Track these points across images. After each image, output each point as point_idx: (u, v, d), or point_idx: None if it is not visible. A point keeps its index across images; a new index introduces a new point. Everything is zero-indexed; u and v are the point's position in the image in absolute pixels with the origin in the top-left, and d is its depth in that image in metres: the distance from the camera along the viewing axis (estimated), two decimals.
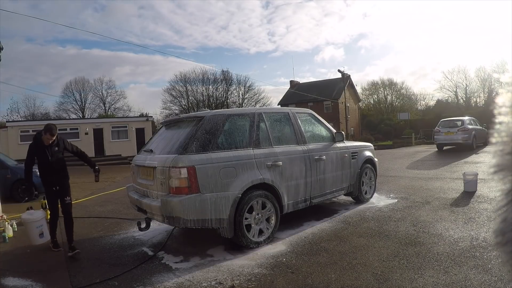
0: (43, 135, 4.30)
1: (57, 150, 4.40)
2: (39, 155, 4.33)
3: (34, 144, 4.38)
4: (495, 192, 5.79)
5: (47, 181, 4.41)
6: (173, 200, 3.61)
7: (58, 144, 4.44)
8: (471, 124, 14.84)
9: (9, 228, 5.11)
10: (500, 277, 2.78)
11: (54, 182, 4.38)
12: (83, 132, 22.89)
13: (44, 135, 4.28)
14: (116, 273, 3.51)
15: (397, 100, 48.20)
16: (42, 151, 4.30)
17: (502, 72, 35.16)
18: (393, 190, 6.95)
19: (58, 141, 4.41)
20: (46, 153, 4.32)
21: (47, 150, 4.31)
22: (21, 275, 3.60)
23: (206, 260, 3.75)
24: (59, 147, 4.44)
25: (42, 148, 4.30)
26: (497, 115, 0.52)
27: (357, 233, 4.32)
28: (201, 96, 45.93)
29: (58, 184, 4.40)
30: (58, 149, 4.42)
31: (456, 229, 4.16)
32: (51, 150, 4.33)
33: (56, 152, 4.39)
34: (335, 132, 5.55)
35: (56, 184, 4.39)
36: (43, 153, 4.31)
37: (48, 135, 4.28)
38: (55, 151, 4.38)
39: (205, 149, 3.86)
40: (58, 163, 4.41)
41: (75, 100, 44.40)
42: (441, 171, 9.23)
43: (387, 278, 2.97)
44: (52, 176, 4.37)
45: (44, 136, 4.31)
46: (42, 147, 4.30)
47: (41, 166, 4.36)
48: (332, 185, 5.27)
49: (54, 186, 4.40)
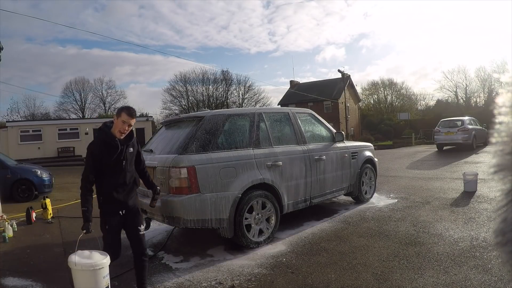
0: (115, 120, 2.79)
1: (132, 152, 2.91)
2: (105, 157, 2.74)
3: (99, 141, 2.79)
4: (495, 192, 5.79)
5: (111, 199, 2.80)
6: (173, 200, 3.61)
7: (134, 143, 2.95)
8: (471, 124, 14.84)
9: (9, 228, 5.10)
10: (500, 277, 2.78)
11: (122, 202, 2.81)
12: (83, 132, 22.88)
13: (118, 118, 2.77)
14: (116, 273, 3.51)
15: (397, 100, 48.21)
16: (111, 151, 2.76)
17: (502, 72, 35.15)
18: (393, 190, 6.95)
19: (134, 140, 2.95)
20: (118, 153, 2.77)
21: (120, 149, 2.78)
22: (21, 275, 3.60)
23: (206, 260, 3.75)
24: (134, 149, 2.94)
25: (112, 146, 2.76)
26: (497, 115, 0.53)
27: (357, 233, 4.32)
28: (201, 96, 45.94)
29: (127, 206, 2.85)
30: (133, 151, 2.93)
31: (456, 229, 4.16)
32: (125, 150, 2.83)
33: (131, 155, 2.90)
34: (335, 132, 5.55)
35: (124, 205, 2.83)
36: (112, 154, 2.75)
37: (124, 115, 2.74)
38: (130, 153, 2.88)
39: (205, 149, 3.86)
40: (132, 173, 2.92)
41: (75, 100, 44.43)
42: (441, 171, 9.23)
43: (387, 278, 2.97)
44: (121, 193, 2.81)
45: (118, 121, 2.76)
46: (112, 144, 2.76)
47: (107, 175, 2.79)
48: (332, 185, 5.27)
49: (121, 208, 2.83)
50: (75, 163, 20.64)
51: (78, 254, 2.62)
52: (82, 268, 2.53)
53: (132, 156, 2.91)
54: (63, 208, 7.44)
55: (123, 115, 2.74)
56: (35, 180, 8.48)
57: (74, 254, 2.58)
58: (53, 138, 21.81)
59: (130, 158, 2.88)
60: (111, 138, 2.76)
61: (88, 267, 2.54)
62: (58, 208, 7.27)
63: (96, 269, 2.55)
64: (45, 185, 8.64)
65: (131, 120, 2.77)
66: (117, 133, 2.77)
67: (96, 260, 2.60)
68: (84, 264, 2.54)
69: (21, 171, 8.57)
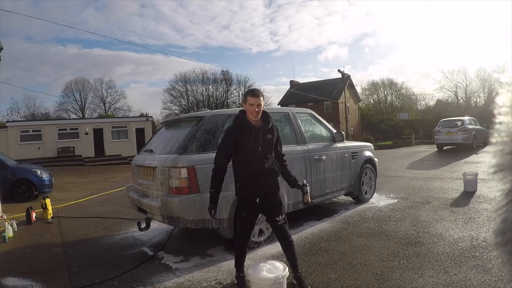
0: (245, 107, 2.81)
1: (271, 138, 2.84)
2: (240, 143, 2.76)
3: (235, 127, 2.82)
4: (495, 192, 5.79)
5: (247, 186, 2.80)
6: (173, 200, 3.61)
7: (272, 130, 2.88)
8: (471, 124, 14.84)
9: (9, 228, 5.10)
10: (500, 277, 2.78)
11: (258, 190, 2.80)
12: (83, 132, 22.89)
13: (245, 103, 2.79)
14: (116, 273, 3.51)
15: (397, 100, 48.27)
16: (246, 137, 2.75)
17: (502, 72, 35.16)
18: (393, 190, 6.95)
19: (272, 126, 2.90)
20: (254, 138, 2.74)
21: (256, 134, 2.76)
22: (21, 275, 3.60)
23: (206, 260, 3.76)
24: (273, 136, 2.87)
25: (247, 131, 2.75)
26: (497, 115, 0.53)
27: (357, 233, 4.32)
28: (201, 96, 45.98)
29: (264, 194, 2.81)
30: (271, 138, 2.85)
31: (456, 229, 4.16)
32: (262, 136, 2.78)
33: (269, 143, 2.83)
34: (335, 132, 5.55)
35: (261, 193, 2.80)
36: (248, 139, 2.74)
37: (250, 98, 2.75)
38: (268, 139, 2.82)
39: (205, 149, 3.86)
40: (271, 161, 2.85)
41: (75, 100, 44.44)
42: (441, 171, 9.23)
43: (387, 278, 2.97)
44: (259, 179, 2.77)
45: (247, 106, 2.77)
46: (247, 130, 2.76)
47: (244, 161, 2.79)
48: (332, 185, 5.27)
49: (257, 196, 2.80)
50: (75, 163, 20.66)
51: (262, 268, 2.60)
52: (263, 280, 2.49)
53: (270, 143, 2.84)
54: (63, 208, 7.44)
55: (249, 99, 2.76)
56: (35, 180, 8.49)
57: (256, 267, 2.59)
58: (53, 138, 21.81)
59: (267, 145, 2.81)
60: (246, 124, 2.78)
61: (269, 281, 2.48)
62: (58, 208, 7.27)
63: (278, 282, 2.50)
64: (45, 185, 8.65)
65: (257, 99, 2.74)
66: (251, 117, 2.77)
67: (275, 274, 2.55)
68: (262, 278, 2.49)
69: (21, 171, 8.57)
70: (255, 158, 2.75)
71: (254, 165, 2.75)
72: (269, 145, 2.83)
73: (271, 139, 2.84)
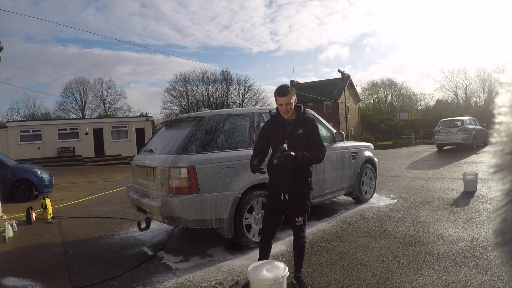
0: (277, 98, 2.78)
1: (301, 133, 2.77)
2: (272, 137, 2.83)
3: (269, 121, 2.95)
4: (495, 192, 5.78)
5: (273, 181, 2.83)
6: (173, 200, 3.61)
7: (304, 124, 2.81)
8: (471, 124, 14.84)
9: (9, 228, 5.10)
10: (500, 277, 2.78)
11: (283, 186, 2.75)
12: (83, 132, 22.88)
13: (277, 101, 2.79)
14: (116, 273, 3.51)
15: (397, 100, 48.24)
16: (275, 130, 2.81)
17: (502, 72, 35.18)
18: (393, 190, 6.95)
19: (304, 120, 2.83)
20: (281, 132, 2.77)
21: (284, 127, 2.78)
22: (21, 275, 3.60)
23: (206, 260, 3.76)
24: (305, 130, 2.78)
25: (276, 124, 2.82)
26: (497, 115, 0.53)
27: (357, 233, 4.32)
28: (201, 96, 45.92)
29: (289, 191, 2.76)
30: (303, 133, 2.78)
31: (456, 229, 4.16)
32: (292, 130, 2.77)
33: (298, 137, 2.77)
34: (335, 132, 5.55)
35: (287, 190, 2.76)
36: (276, 133, 2.79)
37: (277, 98, 2.76)
38: (298, 134, 2.77)
39: (205, 149, 3.86)
40: (299, 156, 2.68)
41: (75, 100, 44.37)
42: (441, 171, 9.23)
43: (387, 278, 2.97)
44: (283, 175, 2.72)
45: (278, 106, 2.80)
46: (276, 123, 2.83)
47: (272, 155, 2.76)
48: (332, 185, 5.27)
49: (283, 191, 2.77)
50: (75, 163, 20.67)
51: (269, 268, 2.55)
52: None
53: (300, 138, 2.75)
54: (63, 208, 7.44)
55: (277, 99, 2.78)
56: (35, 180, 8.48)
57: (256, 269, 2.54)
58: (53, 138, 21.80)
59: (296, 139, 2.74)
60: (276, 117, 2.85)
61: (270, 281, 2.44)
62: (58, 208, 7.27)
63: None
64: (45, 185, 8.65)
65: (284, 98, 2.72)
66: (283, 115, 2.81)
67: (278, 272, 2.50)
68: (268, 278, 2.44)
69: (21, 171, 8.57)
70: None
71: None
72: (298, 139, 2.75)
73: (301, 134, 2.76)
